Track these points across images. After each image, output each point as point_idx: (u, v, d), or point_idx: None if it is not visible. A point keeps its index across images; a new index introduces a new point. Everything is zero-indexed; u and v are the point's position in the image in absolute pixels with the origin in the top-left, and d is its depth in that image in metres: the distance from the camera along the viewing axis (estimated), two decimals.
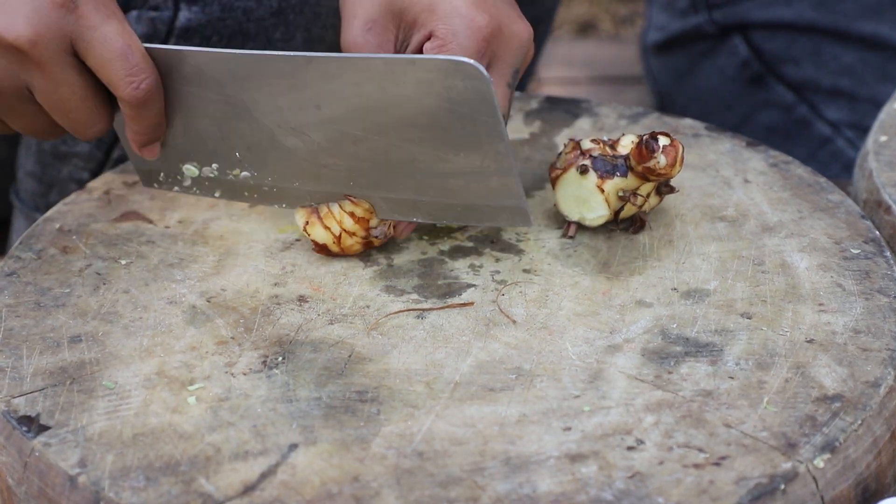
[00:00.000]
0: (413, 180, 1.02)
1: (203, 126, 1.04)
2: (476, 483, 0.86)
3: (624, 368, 0.95)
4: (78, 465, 0.88)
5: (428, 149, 1.00)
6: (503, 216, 1.02)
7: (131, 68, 0.99)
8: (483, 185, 1.00)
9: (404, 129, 1.00)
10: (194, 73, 1.02)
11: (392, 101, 0.98)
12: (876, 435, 0.91)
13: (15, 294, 1.02)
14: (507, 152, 0.98)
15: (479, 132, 0.98)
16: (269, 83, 1.01)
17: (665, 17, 1.90)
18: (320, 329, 0.99)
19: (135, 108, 1.01)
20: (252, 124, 1.03)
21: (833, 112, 1.77)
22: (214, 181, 1.07)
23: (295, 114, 1.01)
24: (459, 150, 0.99)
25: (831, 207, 1.11)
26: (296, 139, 1.03)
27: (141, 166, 1.10)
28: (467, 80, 0.95)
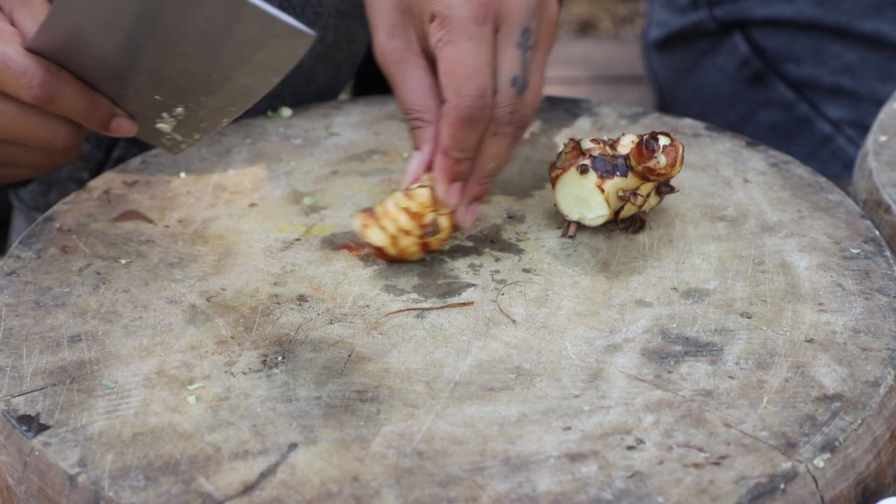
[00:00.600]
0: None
1: (134, 66, 1.03)
2: (476, 482, 0.86)
3: (624, 368, 0.95)
4: (78, 464, 0.88)
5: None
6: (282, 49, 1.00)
7: (16, 73, 1.00)
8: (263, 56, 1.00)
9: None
10: (76, 35, 1.01)
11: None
12: (876, 435, 0.91)
13: (15, 293, 1.02)
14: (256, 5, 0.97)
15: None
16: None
17: (666, 14, 1.90)
18: (320, 328, 0.99)
19: (48, 104, 1.02)
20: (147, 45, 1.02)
21: (834, 110, 1.77)
22: (183, 119, 1.07)
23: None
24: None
25: (831, 207, 1.11)
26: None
27: (151, 142, 1.10)
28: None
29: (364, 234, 1.04)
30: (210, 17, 0.97)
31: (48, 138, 1.04)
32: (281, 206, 1.12)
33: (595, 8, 2.52)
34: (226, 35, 0.98)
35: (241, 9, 0.96)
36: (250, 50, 0.99)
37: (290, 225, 1.10)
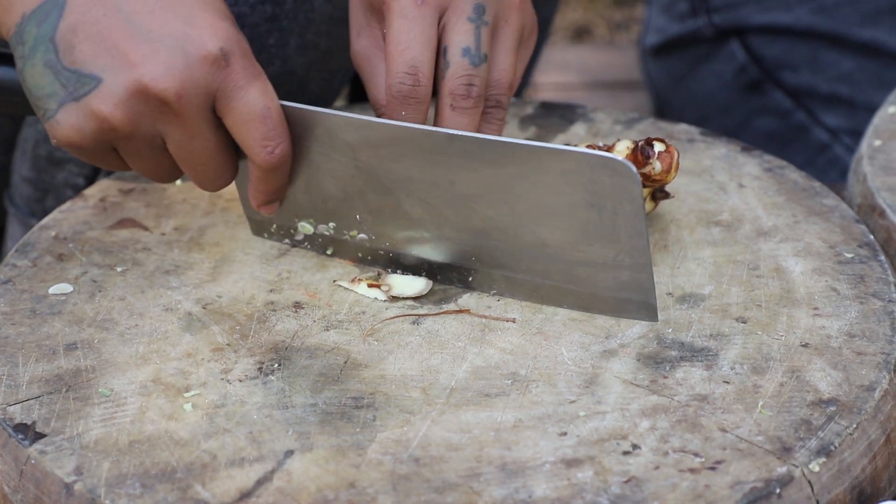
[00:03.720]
0: (539, 263, 1.00)
1: (327, 186, 1.03)
2: (472, 489, 0.86)
3: (619, 373, 0.95)
4: (74, 472, 0.88)
5: (561, 236, 0.98)
6: (628, 308, 0.99)
7: (268, 132, 0.98)
8: (612, 276, 0.98)
9: (539, 215, 0.98)
10: (326, 135, 1.00)
11: (532, 186, 0.97)
12: (871, 439, 0.91)
13: (10, 302, 1.02)
14: (644, 249, 0.96)
15: (619, 226, 0.96)
16: (405, 154, 0.99)
17: (664, 21, 1.90)
18: (316, 335, 0.99)
19: (266, 172, 1.00)
20: (379, 191, 1.01)
21: (831, 118, 1.77)
22: (328, 239, 1.06)
23: (426, 187, 1.00)
24: (594, 242, 0.97)
25: (826, 212, 1.11)
26: (422, 211, 1.01)
27: (253, 216, 1.09)
28: (615, 176, 0.94)
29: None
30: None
31: (215, 176, 1.01)
32: None
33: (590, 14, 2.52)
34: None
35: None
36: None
37: None
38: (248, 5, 1.21)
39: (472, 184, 0.99)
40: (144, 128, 0.96)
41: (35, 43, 0.97)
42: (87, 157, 0.99)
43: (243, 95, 0.96)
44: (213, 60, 0.95)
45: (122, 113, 0.95)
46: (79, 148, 0.98)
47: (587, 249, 0.98)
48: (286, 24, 1.23)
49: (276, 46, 1.24)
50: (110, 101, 0.95)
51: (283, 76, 1.25)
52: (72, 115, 0.96)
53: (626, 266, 0.98)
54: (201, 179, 1.01)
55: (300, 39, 1.25)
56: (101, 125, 0.96)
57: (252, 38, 1.23)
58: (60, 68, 0.96)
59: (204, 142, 0.98)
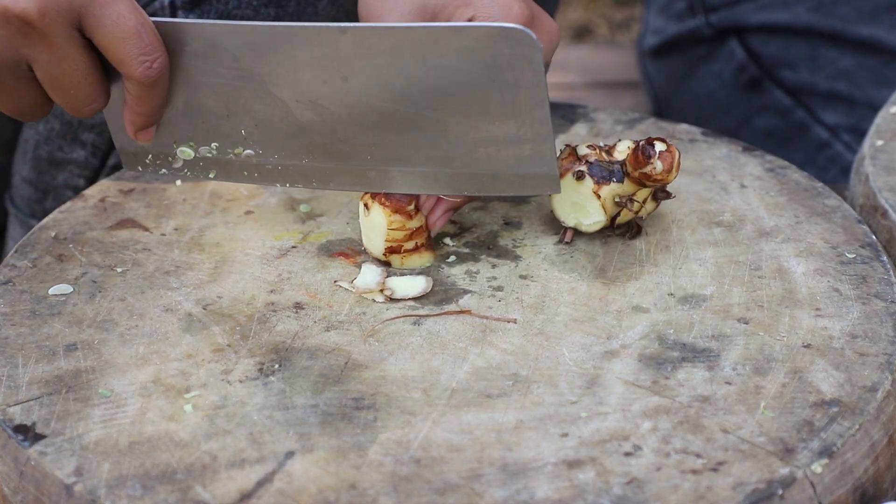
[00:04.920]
0: (438, 151, 0.99)
1: (207, 103, 1.01)
2: (473, 490, 0.86)
3: (621, 374, 0.95)
4: (74, 473, 0.88)
5: (460, 118, 0.97)
6: (531, 184, 0.99)
7: (144, 47, 0.96)
8: (514, 152, 0.97)
9: (437, 99, 0.96)
10: (206, 48, 0.98)
11: (429, 70, 0.95)
12: (873, 440, 0.91)
13: (10, 302, 1.02)
14: (545, 118, 0.95)
15: (521, 99, 0.95)
16: (293, 55, 0.97)
17: (662, 21, 1.90)
18: (317, 336, 0.99)
19: (145, 88, 0.98)
20: (265, 98, 0.99)
21: (830, 116, 1.77)
22: (210, 161, 1.04)
23: (317, 86, 0.98)
24: (496, 118, 0.96)
25: (828, 212, 1.11)
26: (312, 113, 0.99)
27: (126, 148, 1.07)
28: (516, 46, 0.93)
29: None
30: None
31: (87, 100, 0.99)
32: (277, 214, 1.12)
33: (591, 14, 2.52)
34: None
35: None
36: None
37: (286, 232, 1.10)
38: (251, 8, 1.21)
39: (365, 77, 0.97)
40: (8, 54, 0.94)
41: None
42: None
43: (111, 12, 0.95)
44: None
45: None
46: None
47: (488, 128, 0.97)
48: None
49: None
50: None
51: None
52: None
53: (528, 139, 0.96)
54: (73, 104, 0.98)
55: None
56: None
57: None
58: None
59: (73, 62, 0.96)
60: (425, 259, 1.05)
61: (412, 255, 1.05)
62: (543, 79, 0.94)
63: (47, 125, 1.31)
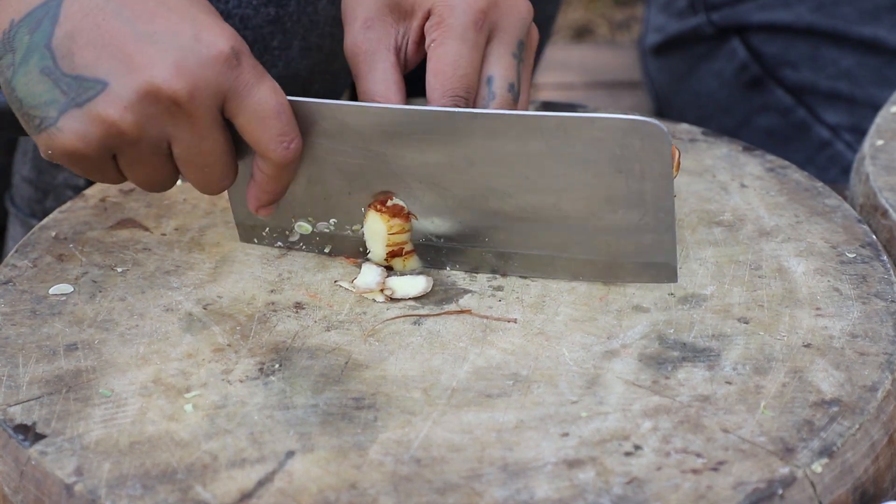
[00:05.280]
0: (557, 238, 0.99)
1: (330, 180, 1.02)
2: (474, 490, 0.86)
3: (621, 374, 0.95)
4: (74, 473, 0.88)
5: (583, 206, 0.97)
6: (648, 273, 0.99)
7: (283, 128, 0.96)
8: (634, 241, 0.98)
9: (561, 188, 0.97)
10: (336, 127, 0.99)
11: (557, 159, 0.95)
12: (874, 439, 0.91)
13: (11, 302, 1.02)
14: (670, 209, 0.95)
15: (646, 189, 0.95)
16: (421, 138, 0.98)
17: (663, 19, 1.90)
18: (317, 336, 0.99)
19: (279, 169, 0.98)
20: (388, 178, 1.00)
21: (831, 115, 1.77)
22: (327, 236, 1.05)
23: (441, 170, 0.98)
24: (619, 208, 0.96)
25: (828, 212, 1.11)
26: (434, 196, 1.00)
27: (244, 221, 1.07)
28: (646, 139, 0.93)
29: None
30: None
31: (220, 178, 0.99)
32: None
33: (591, 13, 2.52)
34: None
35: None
36: None
37: None
38: (251, 7, 1.21)
39: (491, 163, 0.97)
40: (153, 131, 0.95)
41: (28, 50, 0.95)
42: (83, 167, 0.97)
43: (255, 93, 0.95)
44: (225, 59, 0.94)
45: (132, 116, 0.93)
46: (80, 156, 0.95)
47: (610, 217, 0.97)
48: (290, 26, 1.23)
49: (279, 49, 1.23)
50: (119, 105, 0.93)
51: (287, 78, 1.25)
52: (75, 121, 0.94)
53: (649, 229, 0.96)
54: (206, 181, 0.99)
55: (304, 42, 1.24)
56: (108, 130, 0.94)
57: (255, 41, 1.22)
58: (60, 75, 0.94)
59: (213, 143, 0.96)
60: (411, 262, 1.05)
61: (412, 255, 1.05)
62: (671, 171, 0.94)
63: None
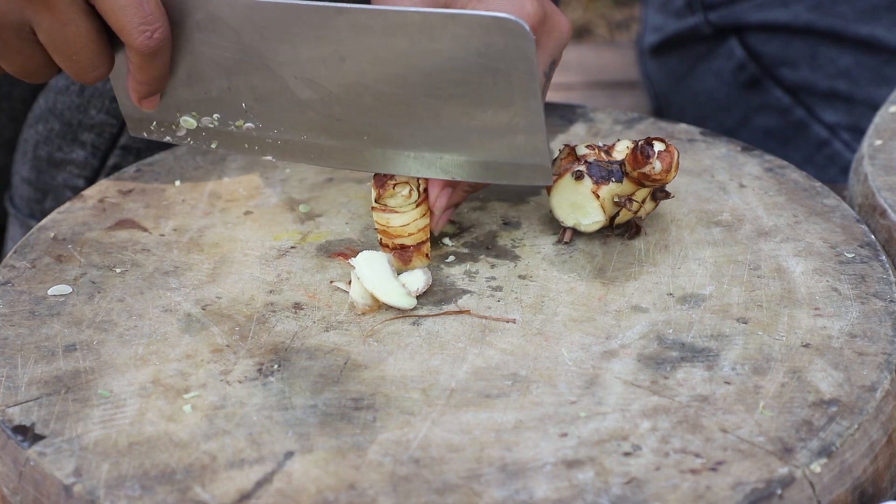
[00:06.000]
0: (432, 136, 0.99)
1: (209, 75, 1.01)
2: (472, 490, 0.86)
3: (620, 374, 0.95)
4: (73, 474, 0.88)
5: (453, 104, 0.97)
6: (524, 174, 0.99)
7: (145, 17, 0.95)
8: (508, 141, 0.97)
9: (431, 84, 0.97)
10: (209, 21, 0.98)
11: (423, 55, 0.95)
12: (872, 439, 0.91)
13: (9, 303, 1.02)
14: (538, 109, 0.95)
15: (514, 89, 0.95)
16: (293, 33, 0.97)
17: (661, 18, 1.90)
18: (316, 336, 0.99)
19: (145, 58, 0.98)
20: (265, 74, 1.00)
21: (830, 115, 1.77)
22: (213, 132, 1.04)
23: (315, 65, 0.98)
24: (488, 107, 0.96)
25: (826, 212, 1.11)
26: (311, 91, 0.99)
27: (132, 114, 1.07)
28: (509, 36, 0.93)
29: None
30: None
31: (91, 66, 0.98)
32: (276, 214, 1.12)
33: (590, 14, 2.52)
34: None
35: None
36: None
37: (285, 233, 1.10)
38: None
39: (362, 58, 0.97)
40: (12, 16, 0.94)
41: None
42: None
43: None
44: None
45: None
46: None
47: (481, 116, 0.97)
48: None
49: None
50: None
51: None
52: None
53: (520, 129, 0.96)
54: (77, 70, 0.98)
55: None
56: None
57: None
58: None
59: (75, 28, 0.95)
60: (422, 260, 1.05)
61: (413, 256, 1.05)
62: (536, 70, 0.94)
63: (47, 125, 1.31)
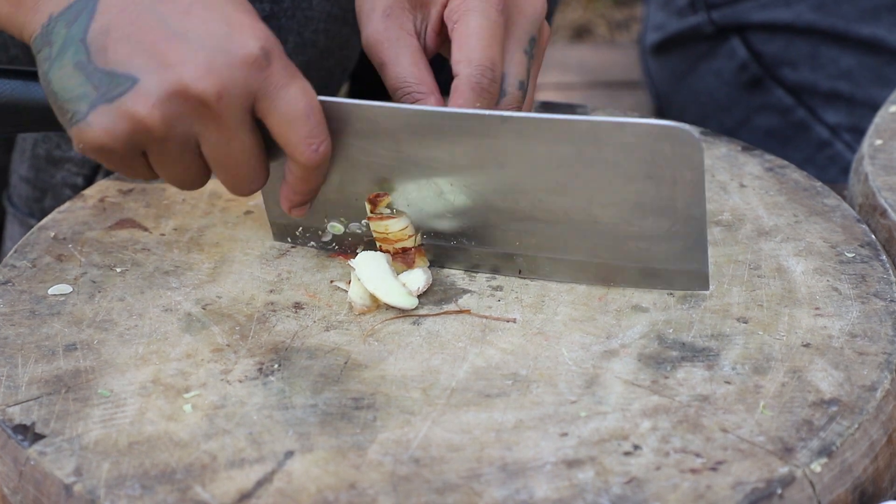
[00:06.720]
0: (588, 242, 0.98)
1: (362, 181, 1.01)
2: (473, 489, 0.86)
3: (620, 374, 0.95)
4: (73, 473, 0.88)
5: (614, 211, 0.96)
6: (679, 280, 0.98)
7: (312, 130, 0.95)
8: (666, 248, 0.97)
9: (593, 190, 0.96)
10: (368, 127, 0.98)
11: (587, 163, 0.95)
12: (873, 439, 0.91)
13: (10, 302, 1.02)
14: (702, 217, 0.94)
15: (678, 196, 0.94)
16: (451, 141, 0.97)
17: (663, 17, 1.90)
18: (316, 336, 0.99)
19: (308, 171, 0.98)
20: (420, 180, 1.00)
21: (831, 115, 1.77)
22: (359, 237, 1.05)
23: (472, 172, 0.98)
24: (649, 214, 0.96)
25: (827, 211, 1.11)
26: (466, 198, 0.99)
27: (277, 220, 1.07)
28: (677, 145, 0.92)
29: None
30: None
31: (249, 180, 0.98)
32: None
33: (591, 13, 2.52)
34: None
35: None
36: None
37: None
38: None
39: (523, 166, 0.97)
40: (180, 129, 0.94)
41: (64, 44, 0.94)
42: (113, 163, 0.96)
43: (285, 94, 0.94)
44: (255, 60, 0.93)
45: (160, 113, 0.93)
46: (108, 152, 0.95)
47: (640, 223, 0.96)
48: (284, 22, 1.23)
49: None
50: (147, 102, 0.92)
51: None
52: (104, 116, 0.93)
53: (680, 236, 0.96)
54: (235, 183, 0.98)
55: (299, 38, 1.24)
56: (135, 126, 0.93)
57: None
58: (92, 69, 0.93)
59: (241, 144, 0.95)
60: (423, 261, 1.05)
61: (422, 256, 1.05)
62: (703, 178, 0.93)
63: None
